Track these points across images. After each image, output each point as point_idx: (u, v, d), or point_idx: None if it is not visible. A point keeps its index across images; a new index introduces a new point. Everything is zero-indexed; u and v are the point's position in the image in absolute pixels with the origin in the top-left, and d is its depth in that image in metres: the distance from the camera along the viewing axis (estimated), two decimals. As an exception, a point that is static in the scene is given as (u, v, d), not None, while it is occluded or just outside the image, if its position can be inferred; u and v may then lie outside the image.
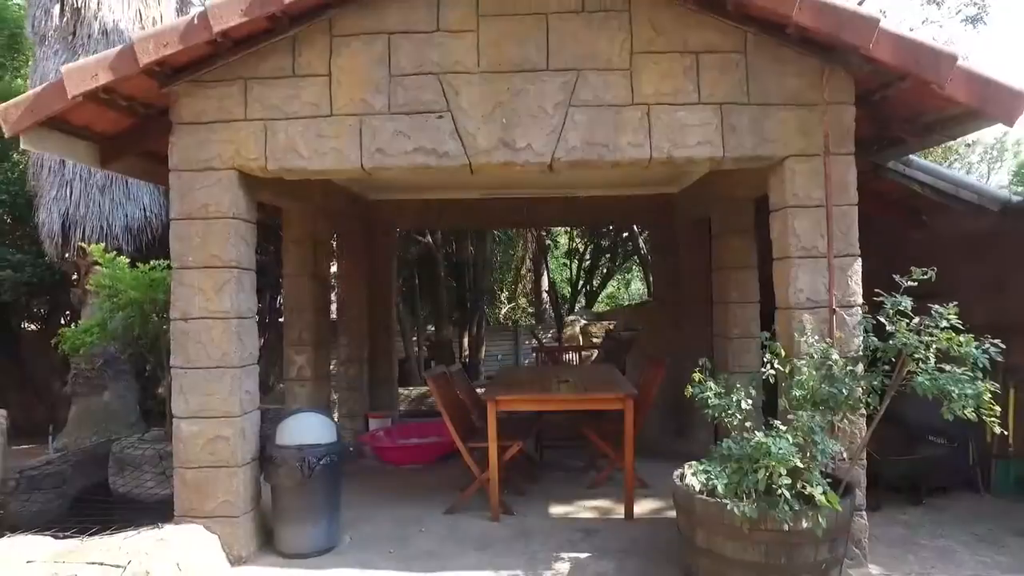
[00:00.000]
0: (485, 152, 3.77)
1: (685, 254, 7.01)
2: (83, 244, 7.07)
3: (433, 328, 11.49)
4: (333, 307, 7.49)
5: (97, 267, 6.23)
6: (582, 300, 15.23)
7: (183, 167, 3.82)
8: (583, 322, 10.21)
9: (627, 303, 15.11)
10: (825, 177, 3.71)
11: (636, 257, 12.52)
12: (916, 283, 3.06)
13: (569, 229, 15.10)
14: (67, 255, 7.90)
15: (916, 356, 2.95)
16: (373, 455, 6.18)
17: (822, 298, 3.71)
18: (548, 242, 14.53)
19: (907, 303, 3.04)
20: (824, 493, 2.82)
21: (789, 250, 3.76)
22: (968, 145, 15.22)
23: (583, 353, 7.84)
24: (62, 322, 10.09)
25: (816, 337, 3.53)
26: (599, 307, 15.51)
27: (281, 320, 7.42)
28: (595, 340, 9.64)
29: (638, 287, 19.58)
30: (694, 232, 6.95)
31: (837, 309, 3.69)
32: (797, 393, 3.34)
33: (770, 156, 3.78)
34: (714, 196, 5.75)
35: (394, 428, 6.79)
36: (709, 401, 3.38)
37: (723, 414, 3.33)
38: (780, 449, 2.81)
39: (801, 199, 3.74)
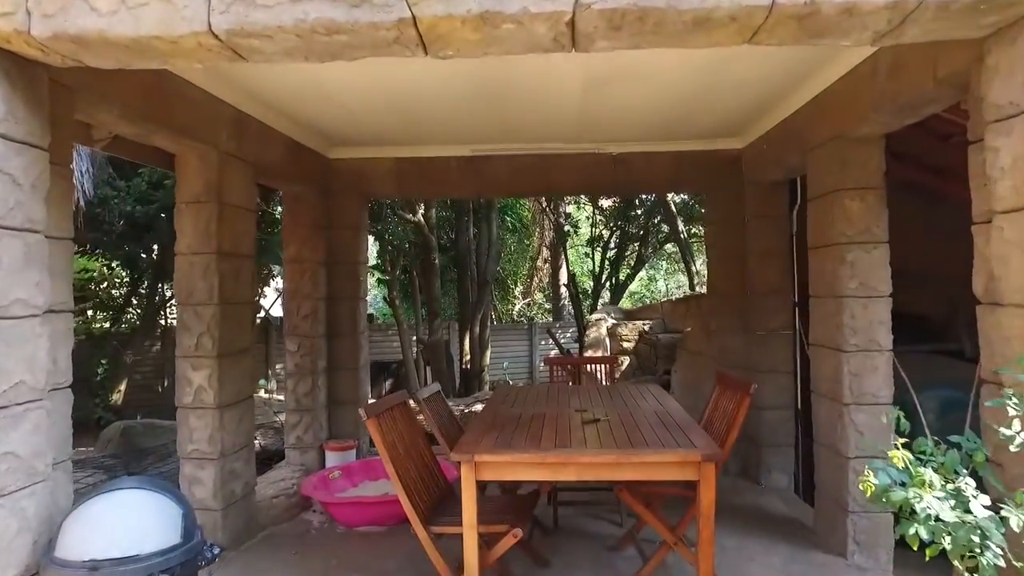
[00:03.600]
0: (442, -5, 1.92)
1: (755, 230, 5.12)
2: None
3: (426, 327, 9.64)
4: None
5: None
6: (605, 295, 13.30)
7: None
8: (611, 322, 8.33)
9: (664, 298, 13.02)
10: None
11: (675, 243, 10.57)
12: None
13: (592, 214, 13.18)
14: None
15: None
16: (321, 510, 4.42)
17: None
18: (567, 228, 12.63)
19: None
20: None
21: (1050, 190, 1.87)
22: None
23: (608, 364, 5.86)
24: None
25: None
26: (625, 303, 13.57)
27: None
28: (625, 344, 7.79)
29: (667, 282, 17.55)
30: (769, 199, 5.08)
31: None
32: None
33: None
34: (811, 140, 3.87)
35: (357, 465, 5.00)
36: (925, 514, 1.51)
37: (969, 549, 1.47)
38: None
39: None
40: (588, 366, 5.37)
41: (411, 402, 3.59)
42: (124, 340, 10.43)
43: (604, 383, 5.11)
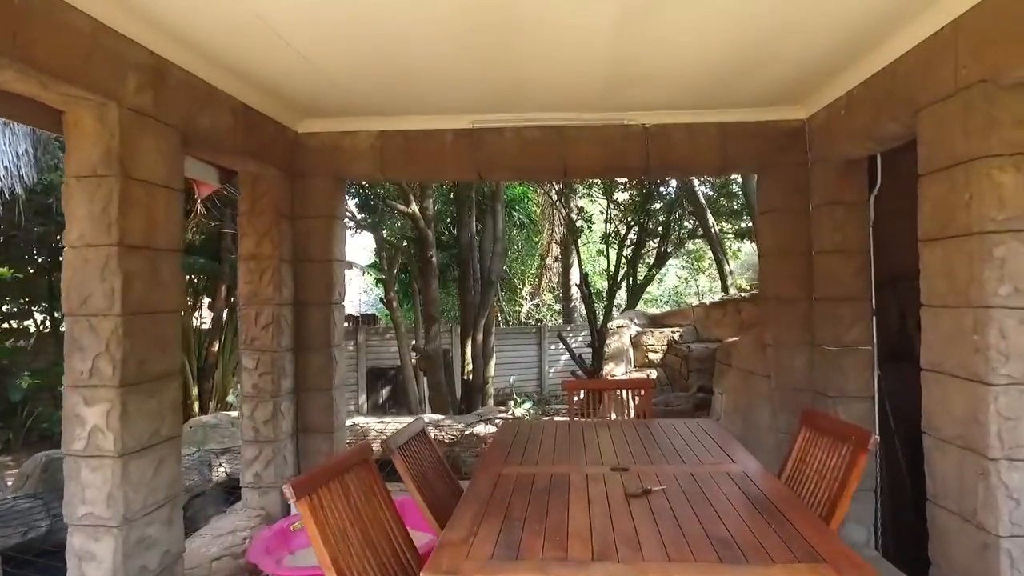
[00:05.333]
0: None
1: (824, 220, 4.09)
2: None
3: (423, 332, 8.62)
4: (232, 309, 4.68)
5: None
6: (621, 297, 12.21)
7: None
8: (634, 329, 7.25)
9: (694, 302, 11.80)
10: None
11: (704, 239, 9.50)
12: None
13: (606, 208, 12.11)
14: None
15: None
16: None
17: None
18: (580, 224, 11.59)
19: None
20: None
21: None
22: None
23: (642, 389, 4.65)
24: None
25: None
26: (639, 307, 12.47)
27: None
28: (651, 355, 6.74)
29: (696, 282, 16.45)
30: (844, 181, 4.04)
31: None
32: None
33: None
34: (928, 94, 2.84)
35: (327, 512, 3.99)
36: None
37: None
38: None
39: None
40: (616, 392, 4.32)
41: (376, 450, 2.59)
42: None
43: (632, 413, 4.07)
